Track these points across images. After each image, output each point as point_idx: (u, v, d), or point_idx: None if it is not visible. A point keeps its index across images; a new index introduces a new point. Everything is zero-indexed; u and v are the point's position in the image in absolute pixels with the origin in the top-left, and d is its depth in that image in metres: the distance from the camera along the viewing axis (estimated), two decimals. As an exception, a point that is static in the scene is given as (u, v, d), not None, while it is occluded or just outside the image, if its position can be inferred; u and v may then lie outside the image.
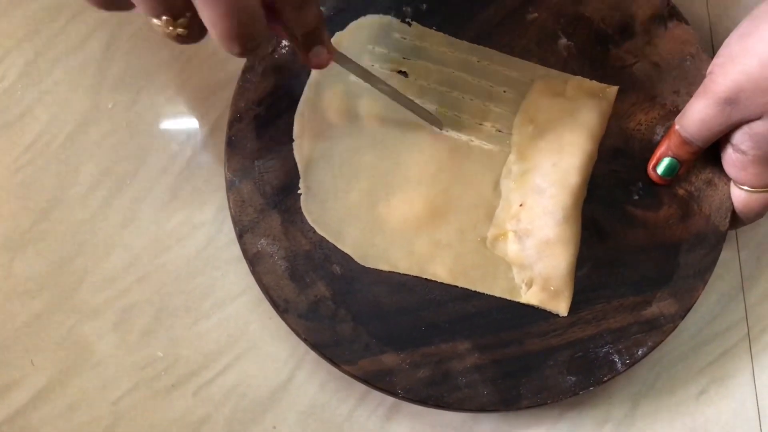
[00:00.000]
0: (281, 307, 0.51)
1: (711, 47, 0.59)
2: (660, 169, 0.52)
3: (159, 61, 0.55)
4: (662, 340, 0.52)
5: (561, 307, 0.51)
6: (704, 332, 0.56)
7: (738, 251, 0.57)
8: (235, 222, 0.51)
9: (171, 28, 0.36)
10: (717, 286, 0.56)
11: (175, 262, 0.54)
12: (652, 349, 0.51)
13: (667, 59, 0.53)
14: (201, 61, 0.56)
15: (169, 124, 0.56)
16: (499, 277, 0.51)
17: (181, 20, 0.36)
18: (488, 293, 0.50)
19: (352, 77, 0.54)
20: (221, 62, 0.56)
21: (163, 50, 0.56)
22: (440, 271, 0.51)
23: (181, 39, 0.37)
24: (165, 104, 0.55)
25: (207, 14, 0.35)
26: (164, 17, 0.35)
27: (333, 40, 0.55)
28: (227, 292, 0.54)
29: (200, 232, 0.55)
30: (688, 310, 0.51)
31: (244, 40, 0.36)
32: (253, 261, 0.51)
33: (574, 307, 0.50)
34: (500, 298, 0.50)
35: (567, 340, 0.50)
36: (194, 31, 0.36)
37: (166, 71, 0.55)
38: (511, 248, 0.51)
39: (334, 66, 0.50)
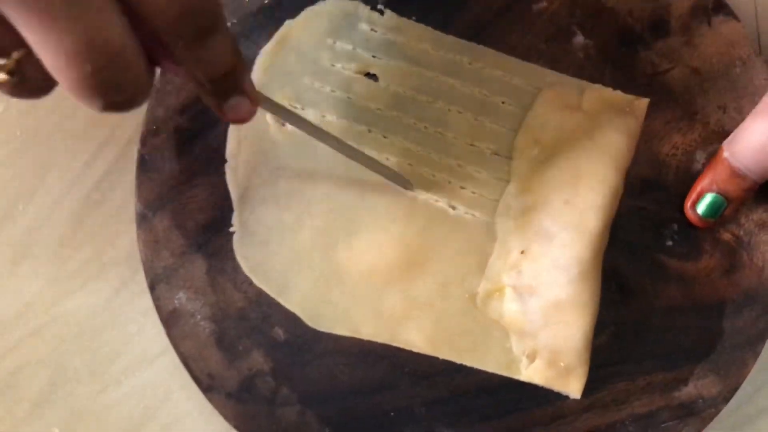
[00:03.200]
0: (204, 384, 0.42)
1: (758, 49, 0.48)
2: (701, 208, 0.43)
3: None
4: (701, 430, 0.43)
5: (573, 387, 0.42)
6: (746, 409, 0.48)
7: (789, 308, 0.49)
8: (147, 269, 0.43)
9: None
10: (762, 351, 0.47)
11: (77, 313, 0.46)
12: (687, 440, 0.43)
13: (710, 65, 0.45)
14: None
15: (75, 134, 0.48)
16: (492, 347, 0.43)
17: (3, 61, 0.26)
18: (478, 368, 0.42)
19: (306, 79, 0.45)
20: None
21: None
22: (416, 338, 0.43)
23: (12, 90, 0.27)
24: (70, 109, 0.47)
25: (47, 52, 0.24)
26: None
27: (281, 31, 0.45)
28: (144, 352, 0.46)
29: (111, 275, 0.47)
30: (735, 390, 0.43)
31: (109, 92, 0.26)
32: (169, 321, 0.43)
33: (589, 387, 0.42)
34: (494, 374, 0.42)
35: (580, 430, 0.43)
36: (29, 79, 0.26)
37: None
38: (509, 309, 0.43)
39: (283, 64, 0.43)
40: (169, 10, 0.27)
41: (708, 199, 0.43)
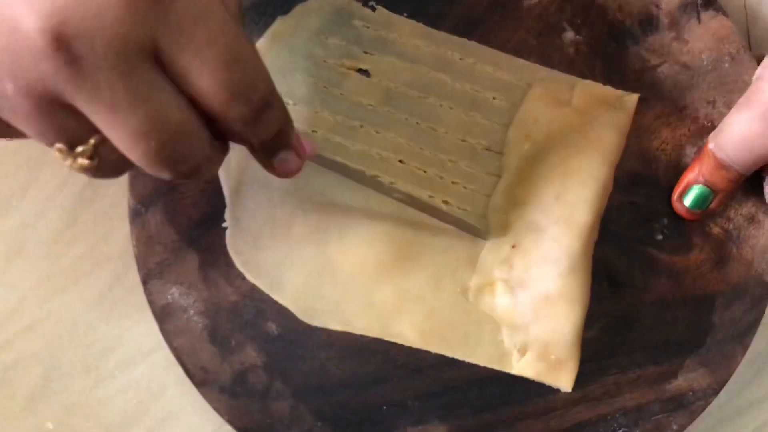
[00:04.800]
0: (197, 378, 0.42)
1: (747, 44, 0.48)
2: (688, 200, 0.43)
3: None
4: (690, 423, 0.43)
5: (564, 380, 0.42)
6: (735, 402, 0.48)
7: (778, 301, 0.49)
8: (140, 264, 0.43)
9: (71, 159, 0.28)
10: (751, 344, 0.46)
11: (71, 308, 0.46)
12: (677, 433, 0.43)
13: (700, 60, 0.44)
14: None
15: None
16: (484, 341, 0.42)
17: (81, 148, 0.28)
18: (470, 361, 0.42)
19: (298, 75, 0.44)
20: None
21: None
22: (408, 332, 0.42)
23: (95, 173, 0.29)
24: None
25: (116, 135, 0.27)
26: (57, 144, 0.27)
27: (273, 27, 0.44)
28: (138, 347, 0.46)
29: (105, 270, 0.46)
30: (724, 383, 0.43)
31: (175, 164, 0.28)
32: (162, 316, 0.42)
33: (579, 380, 0.42)
34: (485, 367, 0.42)
35: (571, 423, 0.42)
36: (107, 161, 0.28)
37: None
38: (501, 303, 0.42)
39: (275, 60, 0.43)
40: (219, 95, 0.28)
41: (694, 190, 0.43)
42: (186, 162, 0.29)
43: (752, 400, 0.48)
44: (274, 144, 0.33)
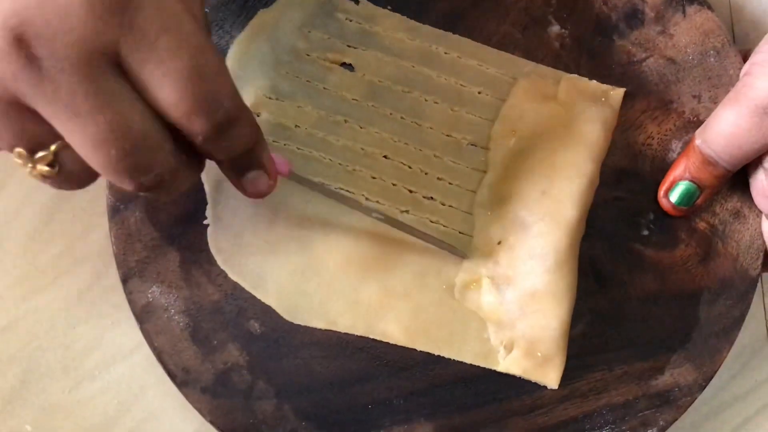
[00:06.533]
0: (179, 378, 0.41)
1: (732, 38, 0.47)
2: (674, 196, 0.42)
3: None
4: (676, 418, 0.42)
5: (550, 377, 0.42)
6: (721, 396, 0.48)
7: (763, 296, 0.48)
8: (119, 262, 0.41)
9: (30, 165, 0.28)
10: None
11: (49, 308, 0.45)
12: (663, 429, 0.42)
13: (685, 54, 0.44)
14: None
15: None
16: (470, 338, 0.41)
17: (42, 153, 0.27)
18: (456, 359, 0.41)
19: (281, 69, 0.43)
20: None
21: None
22: (393, 330, 0.41)
23: (56, 182, 0.29)
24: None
25: (77, 141, 0.26)
26: (17, 149, 0.27)
27: (255, 20, 0.43)
28: (118, 347, 0.45)
29: (83, 269, 0.45)
30: (710, 378, 0.43)
31: (137, 174, 0.27)
32: (142, 315, 0.41)
33: (566, 376, 0.42)
34: (472, 365, 0.41)
35: (557, 420, 0.42)
36: (69, 170, 0.28)
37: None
38: (487, 300, 0.42)
39: (257, 54, 0.42)
40: (179, 108, 0.27)
41: (681, 187, 0.42)
42: (148, 173, 0.28)
43: (737, 394, 0.48)
44: (244, 162, 0.33)
